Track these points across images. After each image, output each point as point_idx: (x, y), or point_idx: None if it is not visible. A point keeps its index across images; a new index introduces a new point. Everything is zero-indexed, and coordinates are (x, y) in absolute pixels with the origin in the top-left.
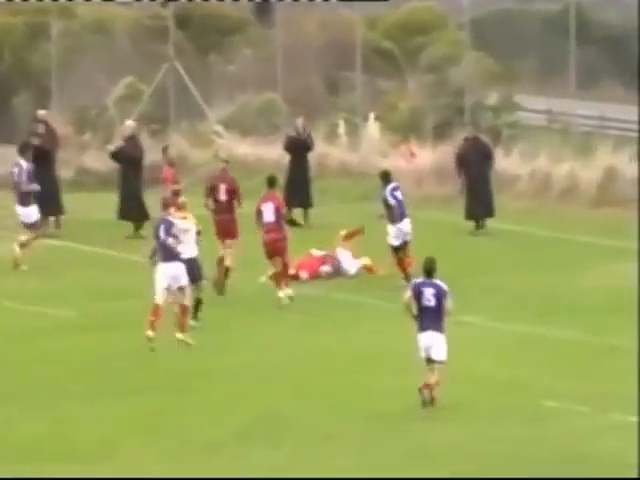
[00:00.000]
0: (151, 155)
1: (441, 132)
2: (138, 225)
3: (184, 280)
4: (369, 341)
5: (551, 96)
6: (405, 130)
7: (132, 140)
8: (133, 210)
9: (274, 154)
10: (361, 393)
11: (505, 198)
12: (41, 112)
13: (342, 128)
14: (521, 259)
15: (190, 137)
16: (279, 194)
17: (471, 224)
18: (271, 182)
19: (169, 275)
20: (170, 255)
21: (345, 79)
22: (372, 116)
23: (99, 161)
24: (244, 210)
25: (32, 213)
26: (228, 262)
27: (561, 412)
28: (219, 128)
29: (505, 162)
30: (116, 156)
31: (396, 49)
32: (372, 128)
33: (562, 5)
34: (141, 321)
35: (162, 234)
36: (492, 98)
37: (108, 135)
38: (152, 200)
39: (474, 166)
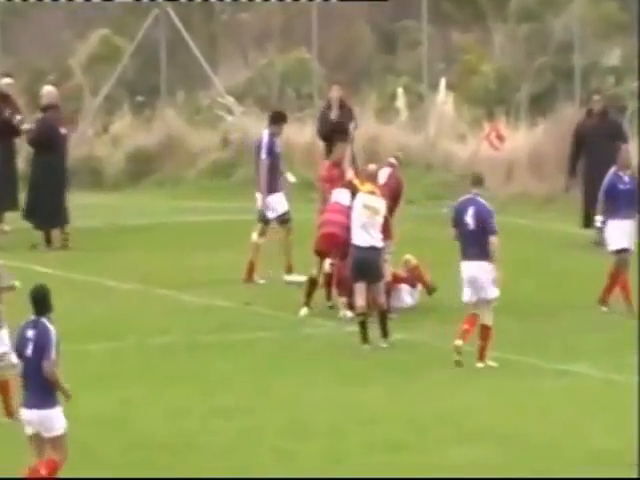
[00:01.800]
0: (136, 138)
1: (540, 105)
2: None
3: None
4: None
5: None
6: (490, 103)
7: (49, 115)
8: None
9: (305, 136)
10: None
11: None
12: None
13: (401, 100)
14: None
15: (188, 112)
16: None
17: (590, 234)
18: None
19: None
20: None
21: (405, 31)
22: (443, 83)
23: None
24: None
25: None
26: None
27: None
28: (229, 100)
29: (632, 147)
30: (32, 141)
31: None
32: (443, 100)
33: None
34: (110, 372)
35: None
36: (613, 57)
37: (75, 109)
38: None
39: (600, 153)
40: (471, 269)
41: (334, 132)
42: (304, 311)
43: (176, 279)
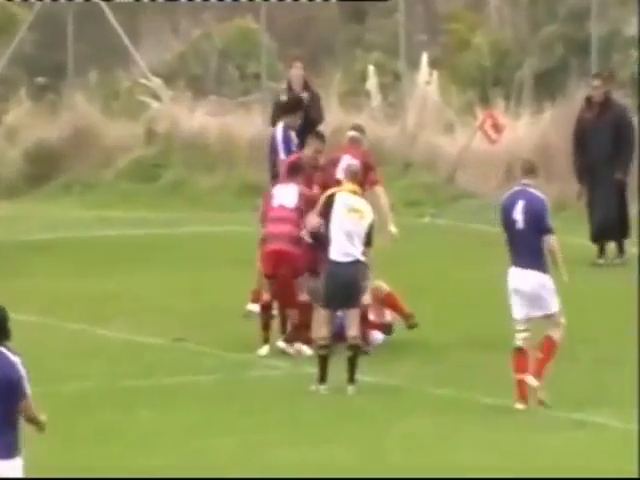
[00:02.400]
0: (37, 129)
1: (548, 86)
2: None
3: None
4: None
5: None
6: (484, 84)
7: None
8: None
9: (251, 126)
10: None
11: None
12: None
13: (372, 81)
14: None
15: (103, 97)
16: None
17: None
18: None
19: None
20: None
21: None
22: (425, 60)
23: None
24: None
25: None
26: None
27: None
28: (155, 82)
29: None
30: None
31: None
32: (425, 81)
33: None
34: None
35: None
36: (634, 25)
37: None
38: None
39: (600, 152)
40: (521, 279)
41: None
42: (264, 350)
43: (90, 309)
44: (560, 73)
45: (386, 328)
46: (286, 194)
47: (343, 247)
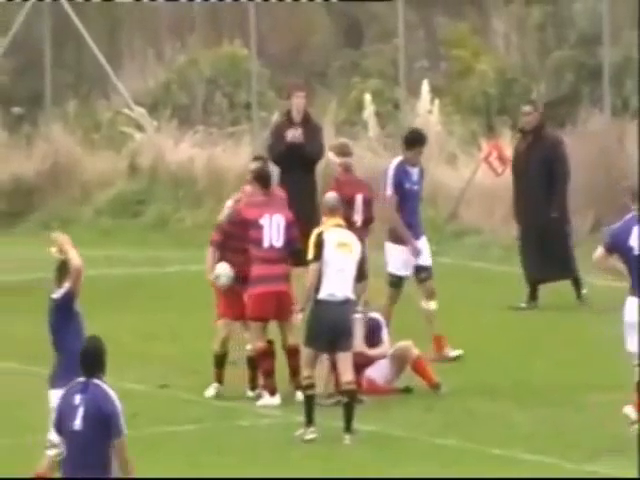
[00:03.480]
0: (13, 164)
1: (558, 116)
2: None
3: None
4: None
5: None
6: (489, 113)
7: None
8: None
9: (239, 160)
10: None
11: None
12: None
13: (370, 109)
14: None
15: (83, 129)
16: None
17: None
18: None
19: None
20: None
21: (375, 19)
22: (426, 87)
23: None
24: None
25: None
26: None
27: None
28: (138, 112)
29: None
30: None
31: None
32: (427, 109)
33: None
34: None
35: None
36: None
37: None
38: None
39: (531, 186)
40: (636, 310)
41: (297, 156)
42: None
43: None
44: (570, 101)
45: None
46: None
47: (334, 286)
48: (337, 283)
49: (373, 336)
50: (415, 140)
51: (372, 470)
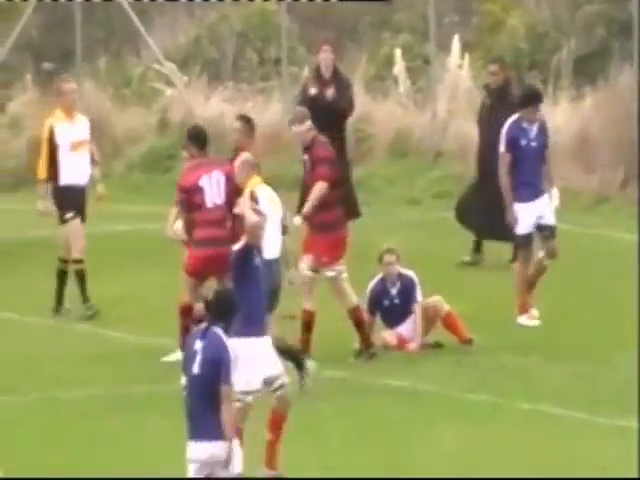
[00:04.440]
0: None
1: (589, 70)
2: None
3: None
4: None
5: None
6: (519, 68)
7: None
8: None
9: (271, 115)
10: None
11: None
12: None
13: (400, 65)
14: None
15: (114, 84)
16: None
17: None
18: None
19: None
20: None
21: None
22: (457, 42)
23: None
24: None
25: None
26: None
27: None
28: (168, 67)
29: None
30: None
31: None
32: (457, 64)
33: None
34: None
35: None
36: None
37: None
38: None
39: (495, 141)
40: None
41: (324, 112)
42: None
43: (101, 310)
44: (601, 56)
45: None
46: None
47: (274, 242)
48: (273, 243)
49: (408, 295)
50: (531, 97)
51: (402, 427)
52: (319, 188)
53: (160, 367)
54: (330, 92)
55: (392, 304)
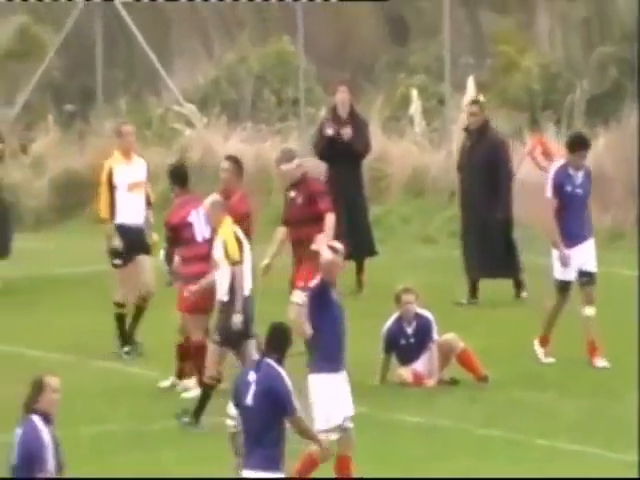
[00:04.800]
0: (65, 157)
1: (601, 111)
2: None
3: None
4: None
5: None
6: (534, 108)
7: None
8: None
9: None
10: None
11: None
12: None
13: (416, 105)
14: None
15: (134, 125)
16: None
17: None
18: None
19: None
20: None
21: (420, 14)
22: (472, 83)
23: None
24: None
25: None
26: None
27: None
28: (188, 108)
29: None
30: None
31: None
32: (471, 102)
33: None
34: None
35: None
36: None
37: None
38: None
39: (473, 186)
40: None
41: (341, 151)
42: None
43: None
44: (614, 97)
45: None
46: None
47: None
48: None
49: (424, 334)
50: (579, 143)
51: (419, 463)
52: (331, 220)
53: (180, 403)
54: (347, 132)
55: (408, 343)
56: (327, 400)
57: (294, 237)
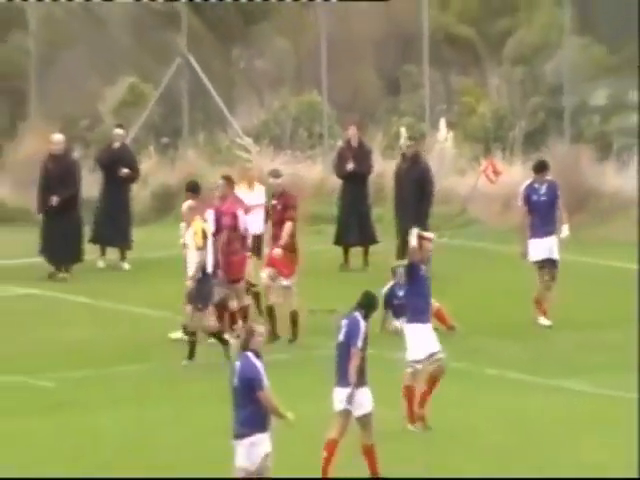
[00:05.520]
0: (161, 176)
1: (534, 142)
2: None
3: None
4: None
5: None
6: (487, 140)
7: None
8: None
9: (316, 173)
10: None
11: (615, 228)
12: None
13: (404, 139)
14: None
15: (209, 152)
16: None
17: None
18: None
19: None
20: None
21: (408, 75)
22: (443, 122)
23: (93, 185)
24: None
25: None
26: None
27: None
28: (246, 141)
29: (617, 180)
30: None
31: (474, 36)
32: (443, 138)
33: None
34: (137, 394)
35: None
36: (600, 97)
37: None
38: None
39: (407, 198)
40: None
41: (353, 174)
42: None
43: None
44: (542, 133)
45: None
46: None
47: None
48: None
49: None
50: (540, 167)
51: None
52: (288, 227)
53: None
54: (350, 166)
55: (400, 303)
56: (417, 341)
57: (273, 233)
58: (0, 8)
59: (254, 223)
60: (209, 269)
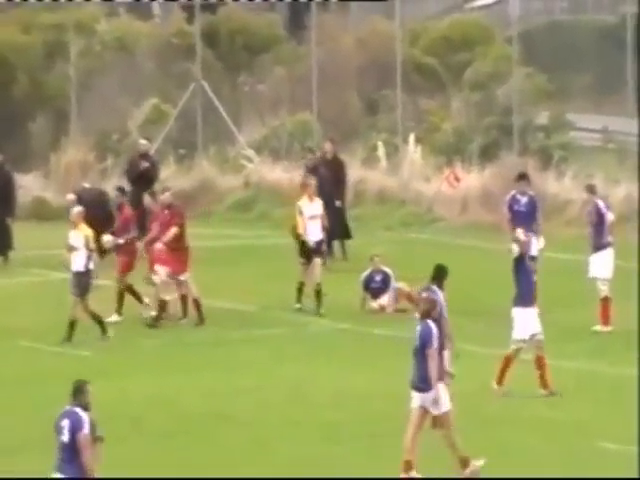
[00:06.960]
0: (179, 182)
1: (488, 154)
2: None
3: None
4: None
5: (607, 114)
6: (449, 152)
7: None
8: None
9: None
10: None
11: (556, 225)
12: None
13: (381, 150)
14: (573, 290)
15: (219, 162)
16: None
17: None
18: None
19: None
20: None
21: (384, 98)
22: (413, 138)
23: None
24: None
25: None
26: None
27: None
28: (250, 152)
29: (557, 186)
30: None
31: (439, 65)
32: (413, 150)
33: (618, 17)
34: (157, 361)
35: None
36: (543, 117)
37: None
38: None
39: (327, 185)
40: None
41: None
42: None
43: (213, 289)
44: (495, 147)
45: None
46: None
47: None
48: None
49: (386, 282)
50: (519, 177)
51: (381, 359)
52: (172, 231)
53: (244, 321)
54: (331, 167)
55: (377, 287)
56: (522, 322)
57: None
58: (47, 43)
59: (314, 231)
60: (91, 266)
